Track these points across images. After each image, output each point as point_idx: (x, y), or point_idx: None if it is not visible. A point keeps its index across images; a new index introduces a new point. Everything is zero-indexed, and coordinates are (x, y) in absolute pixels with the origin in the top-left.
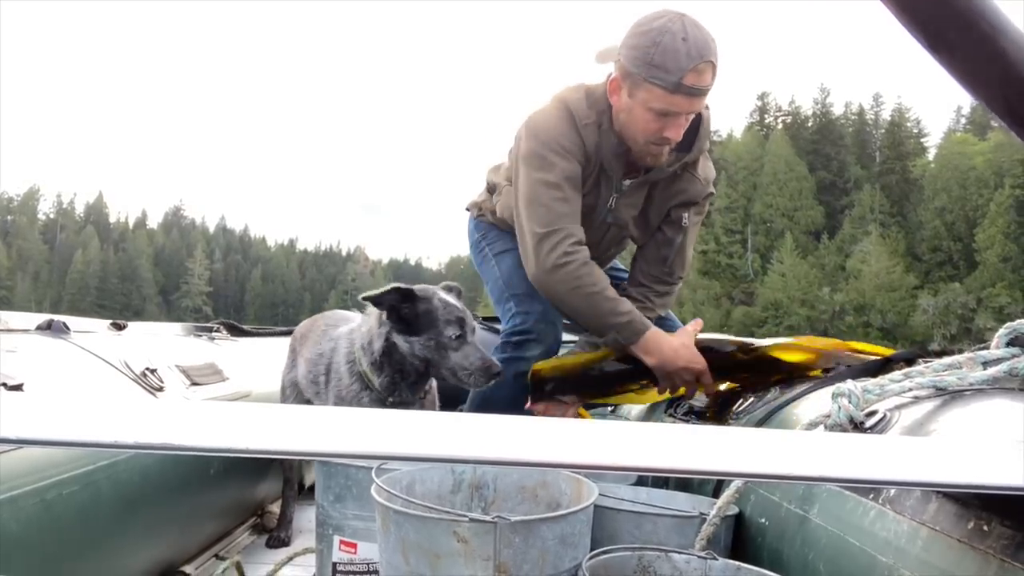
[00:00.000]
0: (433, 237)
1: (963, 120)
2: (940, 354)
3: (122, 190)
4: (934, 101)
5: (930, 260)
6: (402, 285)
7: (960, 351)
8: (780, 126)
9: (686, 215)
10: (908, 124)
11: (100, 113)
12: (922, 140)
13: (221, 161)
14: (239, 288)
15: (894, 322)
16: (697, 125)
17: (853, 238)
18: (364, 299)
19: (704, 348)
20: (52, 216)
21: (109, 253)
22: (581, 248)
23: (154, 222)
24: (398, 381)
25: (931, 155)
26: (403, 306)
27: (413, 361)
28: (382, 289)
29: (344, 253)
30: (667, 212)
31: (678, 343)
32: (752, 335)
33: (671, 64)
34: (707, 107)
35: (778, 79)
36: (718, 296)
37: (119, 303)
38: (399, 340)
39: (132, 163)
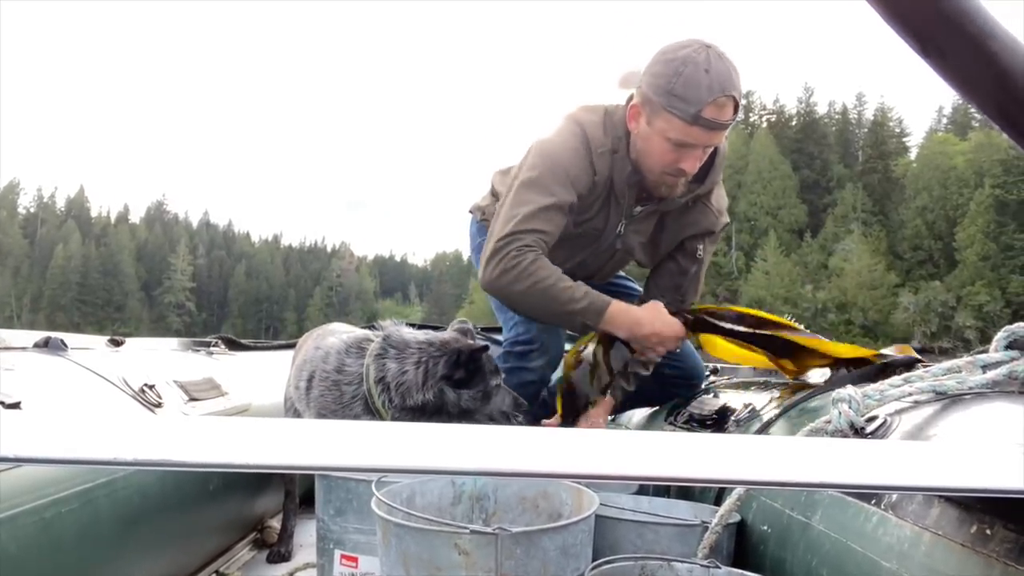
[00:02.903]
0: (419, 234)
1: (944, 120)
2: (921, 352)
3: (104, 184)
4: (916, 101)
5: (911, 259)
6: (484, 343)
7: (941, 348)
8: (764, 125)
9: (700, 246)
10: (890, 124)
11: (81, 106)
12: (904, 140)
13: (205, 155)
14: (223, 284)
15: (875, 320)
16: (712, 156)
17: (836, 236)
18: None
19: (706, 314)
20: (32, 210)
21: (91, 248)
22: (532, 248)
23: (136, 217)
24: (416, 421)
25: (913, 154)
26: (469, 363)
27: (452, 410)
28: (474, 347)
29: (329, 249)
30: (681, 242)
31: (643, 311)
32: None
33: (692, 95)
34: (725, 138)
35: (762, 78)
36: (703, 294)
37: (101, 298)
38: (449, 392)
39: (114, 157)
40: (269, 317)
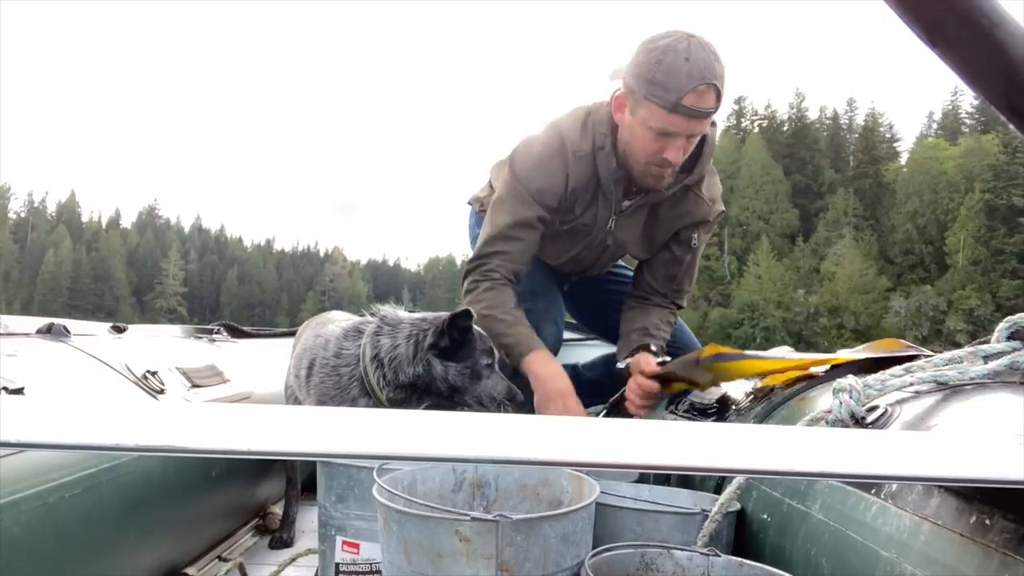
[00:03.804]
0: (412, 238)
1: (935, 125)
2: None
3: (95, 189)
4: (907, 107)
5: (902, 263)
6: (468, 308)
7: (933, 352)
8: (756, 130)
9: (695, 235)
10: (881, 129)
11: (73, 110)
12: (895, 145)
13: (197, 160)
14: (214, 289)
15: (867, 324)
16: (701, 145)
17: (827, 241)
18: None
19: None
20: (23, 215)
21: (81, 253)
22: (491, 274)
23: (128, 221)
24: (409, 400)
25: (903, 159)
26: (454, 331)
27: (440, 386)
28: (456, 311)
29: (322, 254)
30: (676, 232)
31: (550, 373)
32: (728, 337)
33: (672, 83)
34: (714, 124)
35: (754, 83)
36: (695, 298)
37: (92, 304)
38: (436, 364)
39: (105, 161)
40: (262, 322)
